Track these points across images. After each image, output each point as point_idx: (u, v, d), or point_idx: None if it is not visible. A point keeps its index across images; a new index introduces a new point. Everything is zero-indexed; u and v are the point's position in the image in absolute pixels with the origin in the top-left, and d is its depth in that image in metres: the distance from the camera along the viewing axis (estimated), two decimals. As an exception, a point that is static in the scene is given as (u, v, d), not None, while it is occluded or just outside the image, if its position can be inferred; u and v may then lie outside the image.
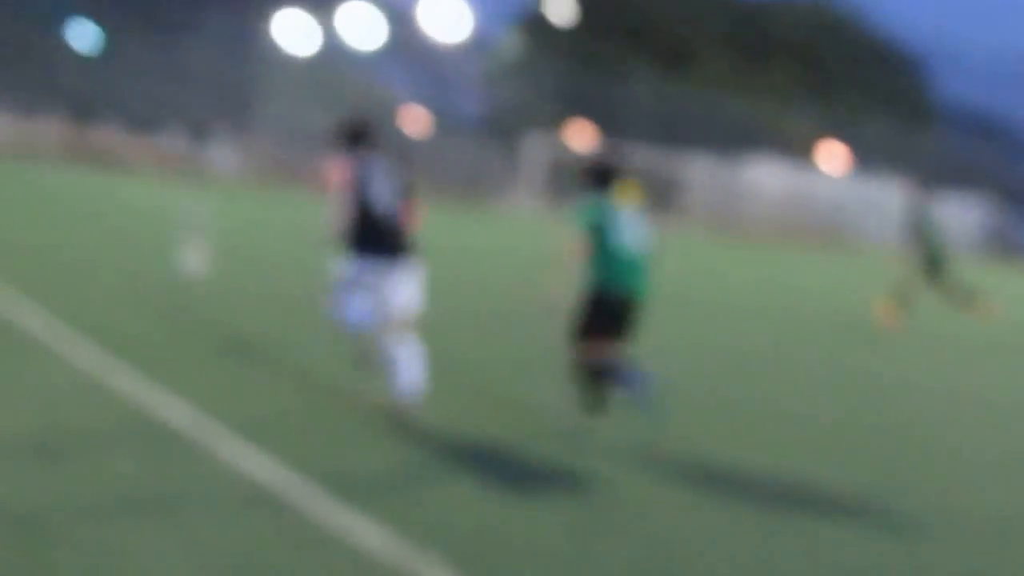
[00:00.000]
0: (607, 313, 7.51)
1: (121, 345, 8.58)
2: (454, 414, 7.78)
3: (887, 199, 52.83)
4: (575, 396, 7.65)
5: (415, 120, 71.22)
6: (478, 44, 73.08)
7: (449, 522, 5.51)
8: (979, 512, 6.90)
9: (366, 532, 5.18)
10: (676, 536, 5.79)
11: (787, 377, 11.84)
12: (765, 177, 55.03)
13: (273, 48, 65.49)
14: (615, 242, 7.49)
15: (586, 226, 7.53)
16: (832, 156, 58.82)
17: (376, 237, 7.56)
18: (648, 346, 8.38)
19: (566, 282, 7.45)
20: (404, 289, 7.56)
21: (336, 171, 7.72)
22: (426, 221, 8.16)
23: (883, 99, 67.47)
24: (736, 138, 58.64)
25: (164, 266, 13.86)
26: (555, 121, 60.78)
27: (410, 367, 7.43)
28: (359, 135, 7.94)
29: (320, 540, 5.04)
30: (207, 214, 15.21)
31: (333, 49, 65.30)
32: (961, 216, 53.74)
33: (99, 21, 61.08)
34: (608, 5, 69.81)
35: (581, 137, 60.19)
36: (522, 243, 29.92)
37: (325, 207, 7.73)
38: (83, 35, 61.09)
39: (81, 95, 56.27)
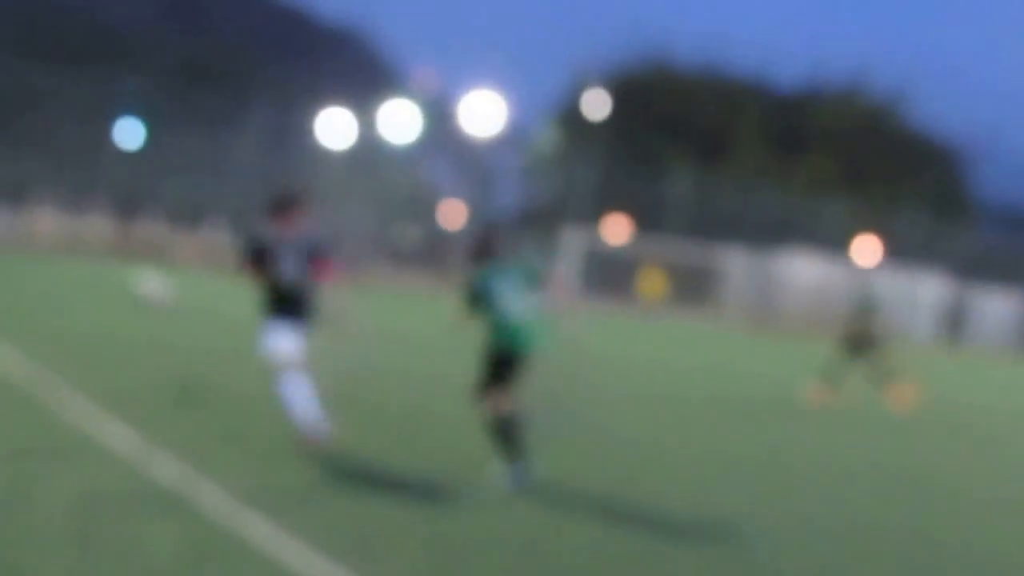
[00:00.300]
0: (496, 366, 8.83)
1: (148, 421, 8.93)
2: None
3: (922, 292, 52.85)
4: (492, 444, 8.93)
5: (453, 213, 72.25)
6: (515, 138, 74.41)
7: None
8: None
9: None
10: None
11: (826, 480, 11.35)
12: (800, 269, 55.23)
13: (314, 143, 66.95)
14: (497, 308, 8.80)
15: (467, 297, 8.97)
16: (867, 248, 58.99)
17: (283, 301, 9.11)
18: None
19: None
20: (290, 336, 9.06)
21: (248, 264, 9.35)
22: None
23: (918, 192, 67.63)
24: (771, 229, 58.95)
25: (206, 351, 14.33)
26: (592, 214, 61.49)
27: (304, 404, 8.96)
28: (280, 207, 9.38)
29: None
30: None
31: (372, 145, 66.67)
32: (997, 310, 53.56)
33: (145, 117, 62.87)
34: (643, 98, 70.97)
35: (618, 230, 60.80)
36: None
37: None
38: (130, 132, 62.90)
39: (126, 190, 57.81)
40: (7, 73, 63.28)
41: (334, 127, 64.68)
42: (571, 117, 72.21)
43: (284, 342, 9.08)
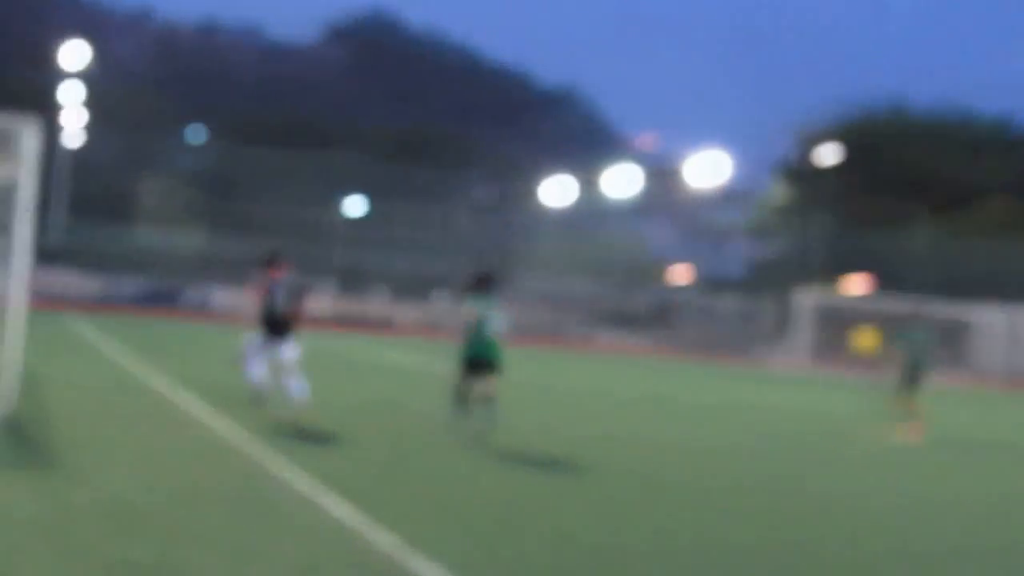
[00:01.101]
0: (471, 365, 13.37)
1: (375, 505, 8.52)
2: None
3: None
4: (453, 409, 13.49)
5: (679, 276, 71.14)
6: (741, 196, 72.80)
7: None
8: None
9: None
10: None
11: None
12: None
13: (533, 209, 67.31)
14: (480, 326, 13.32)
15: (467, 317, 13.51)
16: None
17: (272, 323, 13.88)
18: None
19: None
20: (286, 349, 13.84)
21: (254, 288, 14.19)
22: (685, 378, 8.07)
23: None
24: (1020, 284, 55.31)
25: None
26: (824, 273, 59.17)
27: (297, 388, 13.72)
28: (270, 261, 14.21)
29: None
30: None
31: (593, 208, 66.50)
32: None
33: (366, 192, 64.71)
34: (876, 148, 68.05)
35: (855, 287, 58.24)
36: (786, 400, 28.67)
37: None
38: (355, 205, 64.88)
39: (351, 267, 59.30)
40: (234, 160, 66.58)
41: (556, 190, 64.97)
42: (800, 172, 70.00)
43: (282, 350, 13.88)
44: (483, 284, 13.70)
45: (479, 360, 13.40)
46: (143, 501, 7.94)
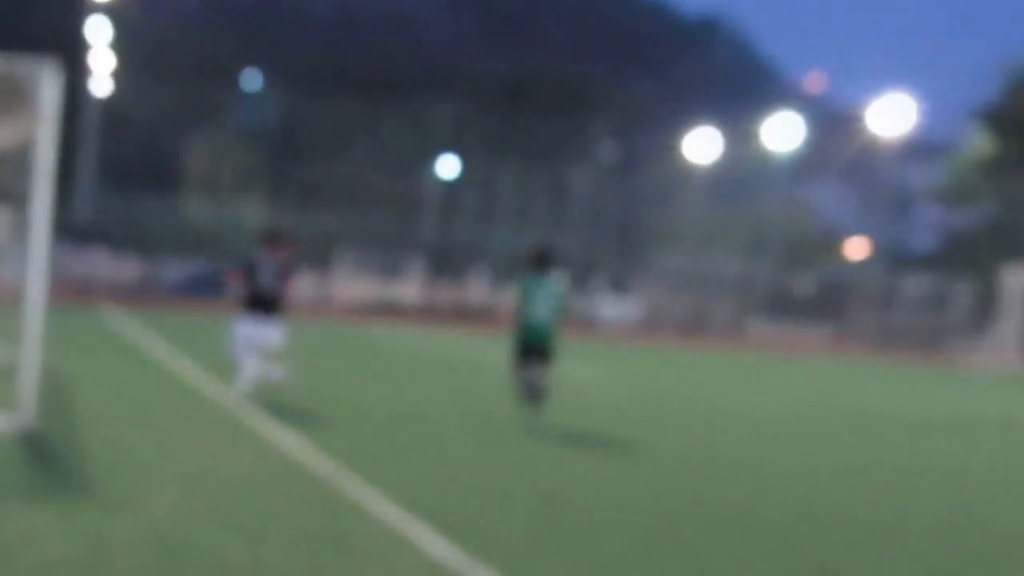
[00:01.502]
0: (523, 352, 15.38)
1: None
2: None
3: None
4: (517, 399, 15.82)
5: (855, 251, 70.10)
6: (933, 151, 71.37)
7: None
8: None
9: None
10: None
11: None
12: None
13: (670, 176, 66.82)
14: (530, 310, 15.33)
15: (517, 295, 15.60)
16: None
17: (258, 302, 16.07)
18: None
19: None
20: (272, 332, 16.17)
21: (235, 273, 16.49)
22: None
23: None
24: None
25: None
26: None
27: (275, 375, 16.11)
28: (269, 239, 16.56)
29: None
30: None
31: (748, 173, 65.75)
32: None
33: (461, 151, 64.79)
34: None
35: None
36: (989, 411, 27.97)
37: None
38: (449, 168, 65.06)
39: (444, 245, 59.50)
40: (302, 114, 67.25)
41: (698, 145, 64.38)
42: (1009, 121, 68.27)
43: (268, 332, 16.12)
44: (540, 262, 15.54)
45: (530, 346, 15.35)
46: (195, 537, 7.98)
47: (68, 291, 41.03)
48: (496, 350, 24.97)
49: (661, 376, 29.48)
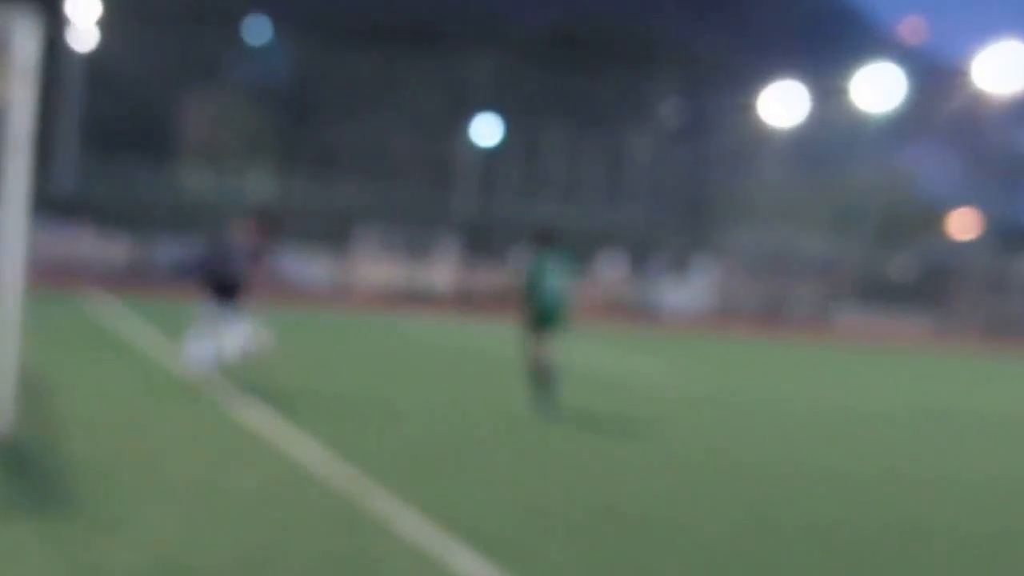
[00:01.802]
0: (538, 324, 17.36)
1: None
2: None
3: None
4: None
5: (961, 227, 69.69)
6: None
7: None
8: None
9: None
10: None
11: None
12: None
13: (745, 141, 66.57)
14: (539, 286, 17.35)
15: (526, 275, 17.50)
16: None
17: (222, 287, 17.62)
18: None
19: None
20: (235, 321, 17.58)
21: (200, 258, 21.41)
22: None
23: None
24: None
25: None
26: None
27: (230, 351, 17.57)
28: (247, 220, 18.20)
29: None
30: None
31: (836, 136, 65.38)
32: None
33: (501, 110, 64.63)
34: None
35: None
36: None
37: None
38: (489, 132, 64.91)
39: (482, 222, 59.45)
40: (318, 70, 67.39)
41: (778, 104, 64.03)
42: None
43: (235, 323, 17.59)
44: (545, 241, 17.78)
45: (543, 327, 17.50)
46: (197, 560, 8.06)
47: (49, 276, 41.25)
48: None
49: (733, 372, 29.40)
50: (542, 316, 17.50)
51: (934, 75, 69.11)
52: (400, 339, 32.30)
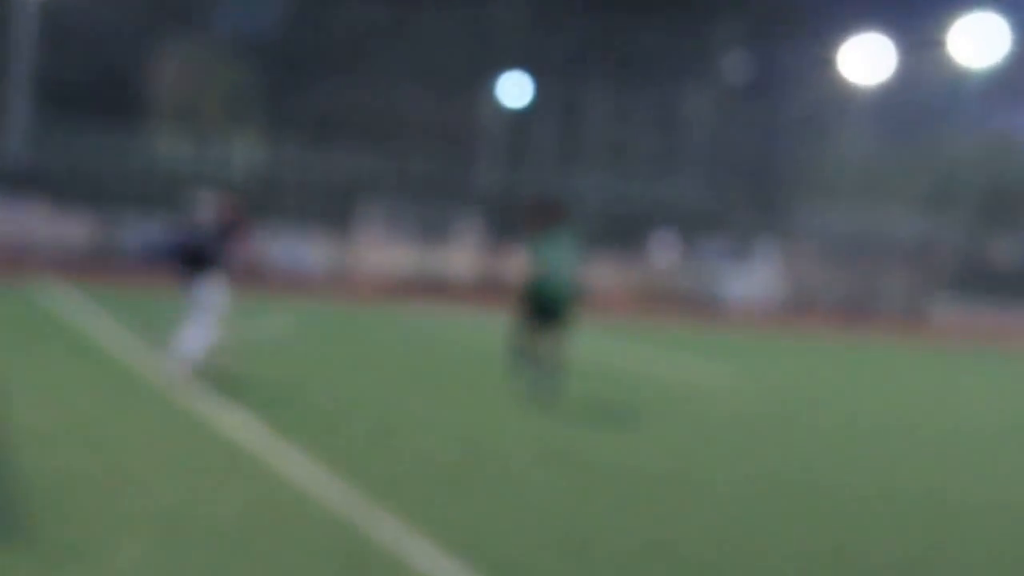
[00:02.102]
0: (540, 314, 18.46)
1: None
2: None
3: None
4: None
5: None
6: None
7: None
8: None
9: None
10: None
11: None
12: None
13: (822, 101, 66.45)
14: (545, 272, 18.42)
15: (528, 257, 18.57)
16: None
17: (192, 260, 18.53)
18: None
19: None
20: (208, 295, 18.30)
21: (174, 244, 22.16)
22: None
23: None
24: None
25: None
26: None
27: (194, 339, 18.13)
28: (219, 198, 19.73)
29: None
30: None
31: (929, 97, 65.23)
32: None
33: (532, 67, 64.59)
34: None
35: None
36: None
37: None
38: (517, 90, 64.86)
39: (508, 199, 59.47)
40: (312, 19, 67.50)
41: (861, 58, 63.86)
42: None
43: (207, 297, 18.28)
44: (550, 217, 18.87)
45: (546, 313, 18.58)
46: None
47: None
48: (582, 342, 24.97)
49: (811, 378, 29.44)
50: (546, 304, 18.51)
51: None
52: (411, 336, 32.37)
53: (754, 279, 58.12)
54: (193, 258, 18.70)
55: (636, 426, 18.01)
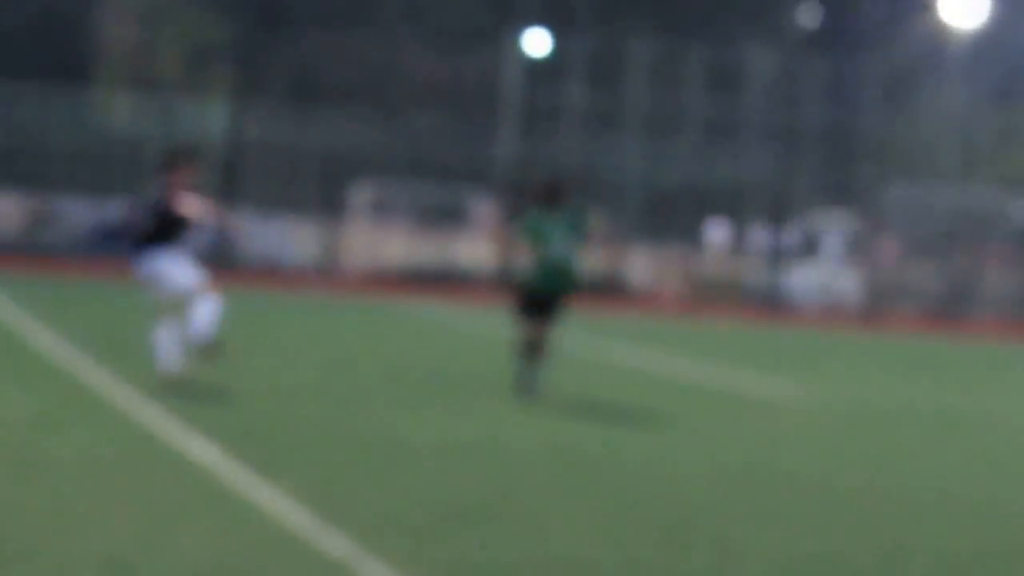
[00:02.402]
0: (537, 299, 20.53)
1: None
2: None
3: None
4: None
5: None
6: None
7: None
8: None
9: None
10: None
11: None
12: None
13: (908, 56, 66.49)
14: (544, 254, 20.59)
15: (526, 236, 21.16)
16: None
17: (162, 231, 19.24)
18: None
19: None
20: (183, 269, 19.23)
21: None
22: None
23: None
24: None
25: None
26: None
27: (199, 323, 19.02)
28: (169, 164, 20.17)
29: None
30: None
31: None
32: None
33: (561, 26, 64.79)
34: None
35: None
36: None
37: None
38: (540, 43, 65.10)
39: (528, 178, 59.53)
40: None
41: (955, 6, 63.92)
42: None
43: (185, 275, 19.00)
44: (551, 196, 21.10)
45: (543, 295, 20.52)
46: None
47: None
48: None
49: (896, 389, 29.40)
50: (542, 288, 20.54)
51: None
52: (412, 338, 32.53)
53: (828, 270, 58.18)
54: (148, 238, 19.10)
55: (683, 442, 18.06)
